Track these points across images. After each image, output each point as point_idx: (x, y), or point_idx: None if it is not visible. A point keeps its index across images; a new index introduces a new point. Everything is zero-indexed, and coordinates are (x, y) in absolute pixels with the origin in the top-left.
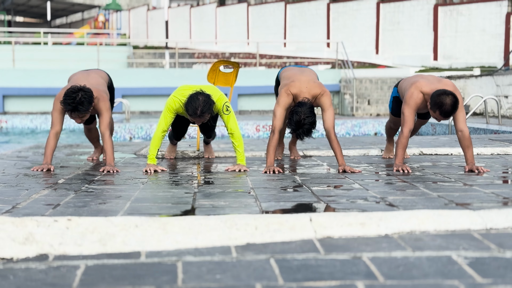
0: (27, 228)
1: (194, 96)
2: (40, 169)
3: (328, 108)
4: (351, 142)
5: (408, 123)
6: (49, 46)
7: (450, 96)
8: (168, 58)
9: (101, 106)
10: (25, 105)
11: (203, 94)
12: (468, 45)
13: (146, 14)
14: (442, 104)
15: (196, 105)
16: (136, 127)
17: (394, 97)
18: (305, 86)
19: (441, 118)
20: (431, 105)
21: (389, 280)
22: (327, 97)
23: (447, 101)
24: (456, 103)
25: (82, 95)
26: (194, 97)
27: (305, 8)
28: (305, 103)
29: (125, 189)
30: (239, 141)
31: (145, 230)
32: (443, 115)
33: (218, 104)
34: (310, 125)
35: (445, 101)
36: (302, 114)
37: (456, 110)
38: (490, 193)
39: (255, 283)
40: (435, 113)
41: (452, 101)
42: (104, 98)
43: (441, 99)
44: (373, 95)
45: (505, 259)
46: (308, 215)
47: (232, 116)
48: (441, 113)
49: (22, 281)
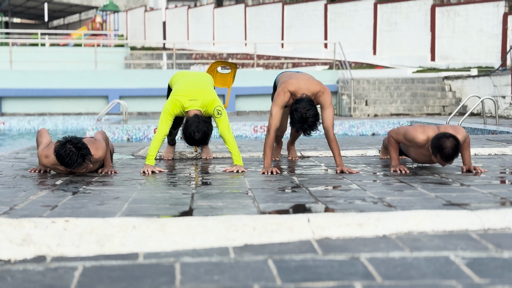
0: (25, 230)
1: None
2: (37, 170)
3: (328, 107)
4: (349, 142)
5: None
6: (47, 48)
7: (451, 139)
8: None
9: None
10: (23, 106)
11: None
12: (466, 45)
13: (143, 15)
14: (442, 148)
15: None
16: (134, 128)
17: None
18: (304, 84)
19: (443, 163)
20: (432, 149)
21: (387, 280)
22: (327, 95)
23: (447, 145)
24: (456, 140)
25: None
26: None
27: (302, 9)
28: (303, 99)
29: (123, 190)
30: (231, 144)
31: (143, 231)
32: (444, 159)
33: (210, 107)
34: (313, 117)
35: (446, 144)
36: (302, 109)
37: (458, 152)
38: (488, 193)
39: (253, 284)
40: (436, 158)
41: (453, 144)
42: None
43: (441, 143)
44: (371, 96)
45: (503, 259)
46: (306, 215)
47: (224, 119)
48: (445, 159)
49: (19, 282)
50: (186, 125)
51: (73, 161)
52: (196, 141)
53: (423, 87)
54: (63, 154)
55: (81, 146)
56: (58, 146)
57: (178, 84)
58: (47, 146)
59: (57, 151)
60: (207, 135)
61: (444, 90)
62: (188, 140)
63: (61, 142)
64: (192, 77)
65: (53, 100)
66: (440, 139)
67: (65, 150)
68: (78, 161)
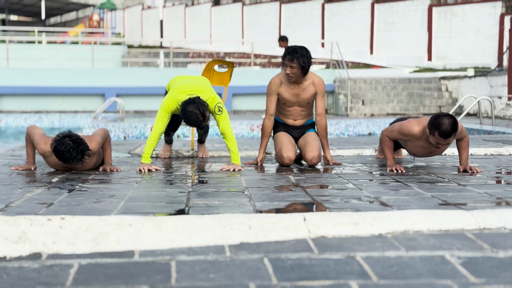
0: (21, 227)
1: (192, 111)
2: (22, 168)
3: (323, 96)
4: (345, 142)
5: (392, 136)
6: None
7: (449, 117)
8: (162, 57)
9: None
10: (19, 104)
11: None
12: (462, 45)
13: (140, 13)
14: (439, 124)
15: (196, 118)
16: (130, 127)
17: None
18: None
19: (441, 140)
20: (429, 129)
21: (383, 279)
22: (323, 84)
23: (445, 121)
24: (454, 118)
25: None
26: (191, 112)
27: (300, 8)
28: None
29: (119, 188)
30: (231, 141)
31: (139, 229)
32: (442, 136)
33: (211, 104)
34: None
35: (443, 121)
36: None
37: (457, 125)
38: (484, 193)
39: (249, 283)
40: (434, 137)
41: (451, 121)
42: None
43: (438, 121)
44: (368, 95)
45: (498, 259)
46: (302, 214)
47: (225, 116)
48: (442, 135)
49: (15, 280)
50: (185, 101)
51: (73, 157)
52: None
53: (419, 87)
54: (62, 150)
55: (80, 141)
56: (56, 142)
57: (176, 84)
58: (44, 135)
59: (56, 147)
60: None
61: (440, 90)
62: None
63: (58, 137)
64: (190, 78)
65: (49, 98)
66: (438, 117)
67: (64, 146)
68: (77, 157)
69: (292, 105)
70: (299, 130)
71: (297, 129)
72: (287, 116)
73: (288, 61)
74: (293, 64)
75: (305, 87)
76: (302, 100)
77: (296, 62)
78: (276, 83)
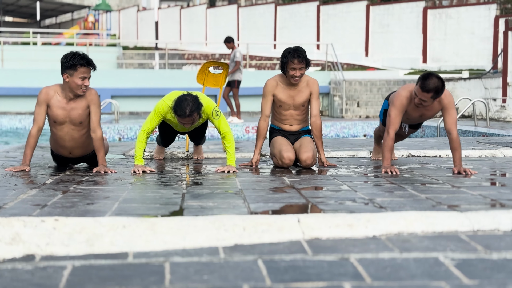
0: (14, 228)
1: (182, 97)
2: (15, 170)
3: (318, 97)
4: (340, 143)
5: (394, 125)
6: (39, 46)
7: (438, 78)
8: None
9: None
10: (14, 105)
11: (190, 95)
12: (457, 48)
13: (136, 14)
14: (425, 77)
15: (185, 105)
16: (125, 128)
17: (385, 109)
18: None
19: (421, 94)
20: (416, 81)
21: (376, 281)
22: (317, 85)
23: (432, 77)
24: (442, 83)
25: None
26: (182, 98)
27: (295, 10)
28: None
29: (113, 189)
30: (231, 143)
31: (133, 230)
32: (423, 90)
33: (208, 110)
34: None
35: (430, 76)
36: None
37: (440, 91)
38: (478, 195)
39: (243, 284)
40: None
41: (438, 79)
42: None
43: (426, 75)
44: (363, 97)
45: (492, 260)
46: (296, 216)
47: (223, 119)
48: (421, 86)
49: (8, 281)
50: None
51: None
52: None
53: None
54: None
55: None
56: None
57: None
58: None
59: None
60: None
61: None
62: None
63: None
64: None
65: None
66: (429, 73)
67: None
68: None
69: (288, 108)
70: (295, 136)
71: (293, 135)
72: (283, 121)
73: (299, 63)
74: (303, 65)
75: (301, 88)
76: (297, 102)
77: (304, 63)
78: (272, 85)
